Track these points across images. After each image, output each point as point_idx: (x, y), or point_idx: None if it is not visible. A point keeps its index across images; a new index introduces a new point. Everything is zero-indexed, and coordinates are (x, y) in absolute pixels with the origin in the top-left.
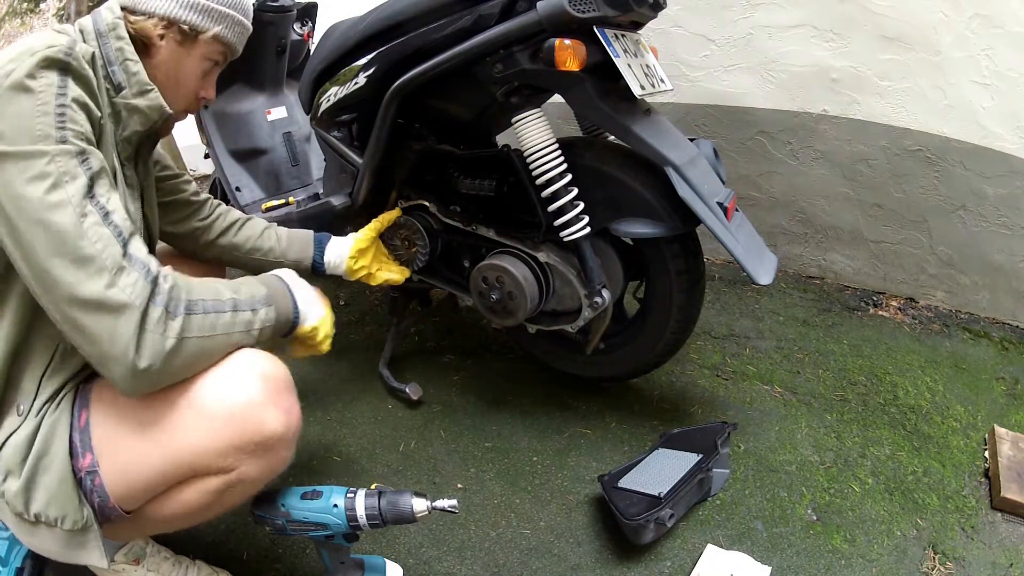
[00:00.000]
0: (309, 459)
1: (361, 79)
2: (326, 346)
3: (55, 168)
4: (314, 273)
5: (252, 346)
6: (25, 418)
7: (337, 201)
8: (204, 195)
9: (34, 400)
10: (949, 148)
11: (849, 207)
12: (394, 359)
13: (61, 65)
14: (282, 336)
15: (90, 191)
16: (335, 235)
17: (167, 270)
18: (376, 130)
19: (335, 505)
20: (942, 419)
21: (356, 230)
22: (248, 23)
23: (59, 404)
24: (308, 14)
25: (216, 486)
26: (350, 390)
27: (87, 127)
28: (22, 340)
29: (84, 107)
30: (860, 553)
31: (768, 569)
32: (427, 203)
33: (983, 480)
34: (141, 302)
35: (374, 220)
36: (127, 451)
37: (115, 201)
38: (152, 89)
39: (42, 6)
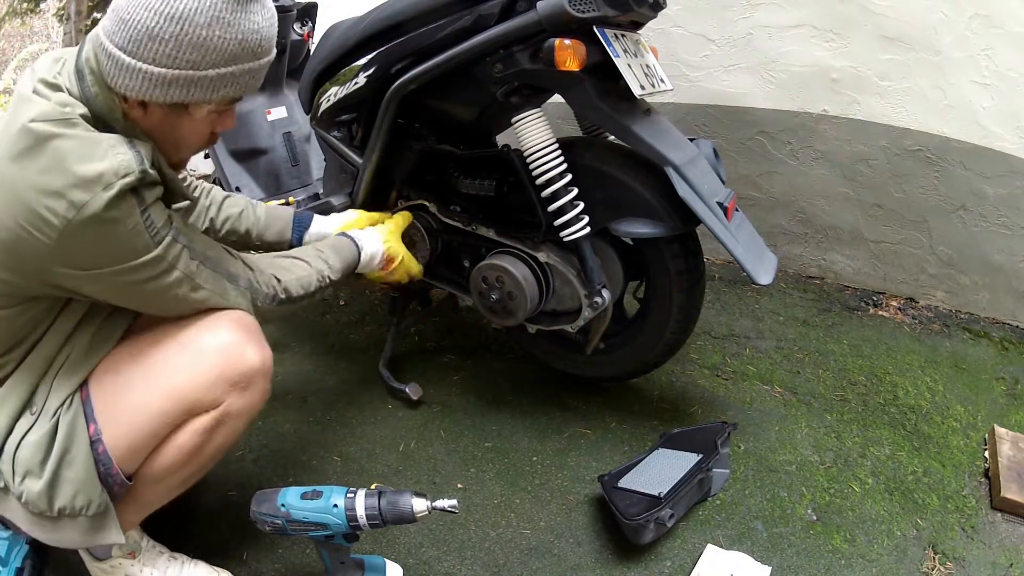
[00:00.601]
0: (309, 459)
1: (361, 79)
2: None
3: (166, 261)
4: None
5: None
6: (38, 417)
7: (337, 201)
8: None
9: (46, 400)
10: (949, 148)
11: (849, 207)
12: (394, 359)
13: (135, 188)
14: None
15: (191, 254)
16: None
17: (258, 267)
18: (376, 130)
19: (335, 505)
20: (942, 419)
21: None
22: (264, 58)
23: (72, 403)
24: (308, 14)
25: (206, 424)
26: (350, 390)
27: (164, 210)
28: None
29: (158, 200)
30: (860, 553)
31: (768, 569)
32: (427, 203)
33: (983, 480)
34: (248, 305)
35: (377, 214)
36: (126, 404)
37: (200, 239)
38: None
39: (42, 6)
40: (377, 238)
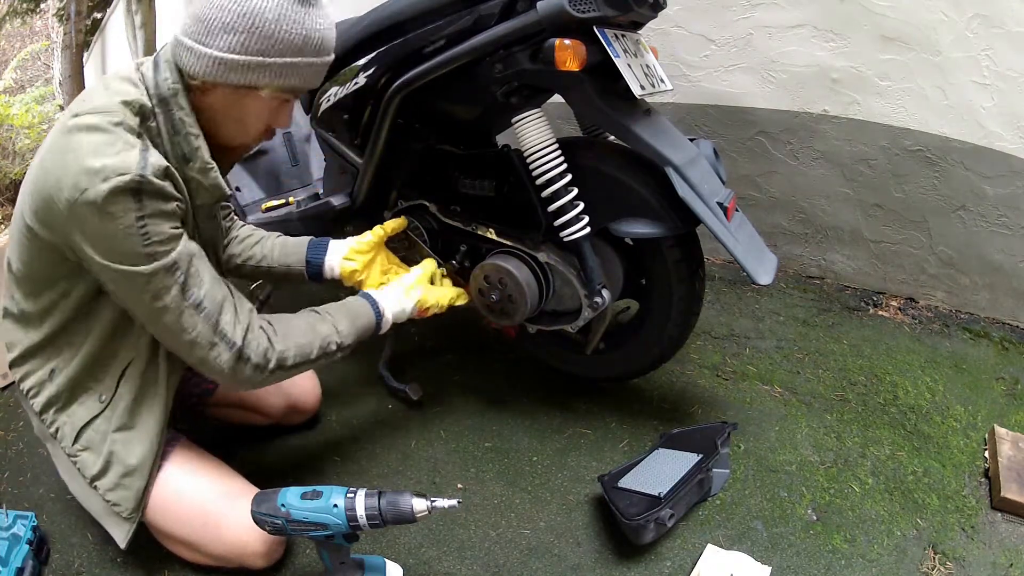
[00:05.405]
0: (309, 459)
1: (361, 79)
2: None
3: (152, 286)
4: (312, 280)
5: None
6: (106, 407)
7: (337, 201)
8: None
9: (114, 394)
10: (949, 148)
11: (849, 207)
12: (394, 359)
13: (133, 190)
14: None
15: (184, 292)
16: (334, 236)
17: (257, 327)
18: (376, 130)
19: (335, 505)
20: (942, 419)
21: (356, 231)
22: (324, 57)
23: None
24: None
25: None
26: (350, 390)
27: (169, 228)
28: (107, 343)
29: (163, 215)
30: (860, 553)
31: (768, 569)
32: (427, 203)
33: (983, 480)
34: (230, 367)
35: (377, 227)
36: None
37: (205, 284)
38: (212, 168)
39: (42, 6)
40: (400, 297)
